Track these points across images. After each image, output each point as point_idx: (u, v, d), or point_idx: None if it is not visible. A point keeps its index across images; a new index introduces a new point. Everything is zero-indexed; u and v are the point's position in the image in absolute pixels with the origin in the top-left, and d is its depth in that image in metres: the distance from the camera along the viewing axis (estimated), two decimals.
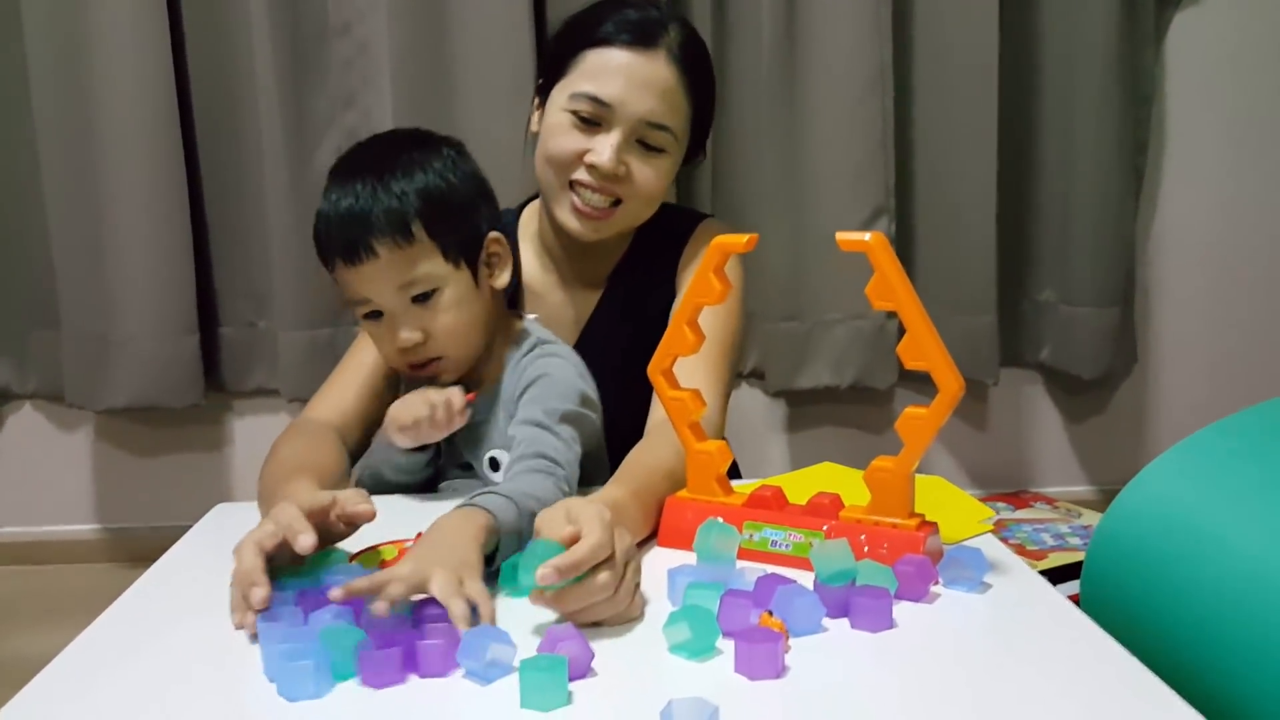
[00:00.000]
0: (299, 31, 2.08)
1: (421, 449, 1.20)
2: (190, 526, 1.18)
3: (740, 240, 1.02)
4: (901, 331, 0.95)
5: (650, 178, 1.33)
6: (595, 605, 0.85)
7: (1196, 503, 1.11)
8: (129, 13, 2.02)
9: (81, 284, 2.12)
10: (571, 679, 0.76)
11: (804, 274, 2.17)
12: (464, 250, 1.19)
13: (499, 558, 0.94)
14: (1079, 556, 1.90)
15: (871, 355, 2.18)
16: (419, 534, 1.03)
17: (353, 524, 0.98)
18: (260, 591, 0.87)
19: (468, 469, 1.26)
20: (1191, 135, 2.32)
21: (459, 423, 1.17)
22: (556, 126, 1.32)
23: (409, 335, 1.17)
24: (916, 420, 0.95)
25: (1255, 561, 1.02)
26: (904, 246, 2.21)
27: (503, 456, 1.22)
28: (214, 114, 2.14)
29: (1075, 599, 1.09)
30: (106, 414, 2.22)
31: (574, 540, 0.85)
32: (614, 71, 1.29)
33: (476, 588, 0.85)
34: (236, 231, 2.19)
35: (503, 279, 1.24)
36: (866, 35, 2.07)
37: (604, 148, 1.29)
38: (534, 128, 1.39)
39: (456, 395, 1.16)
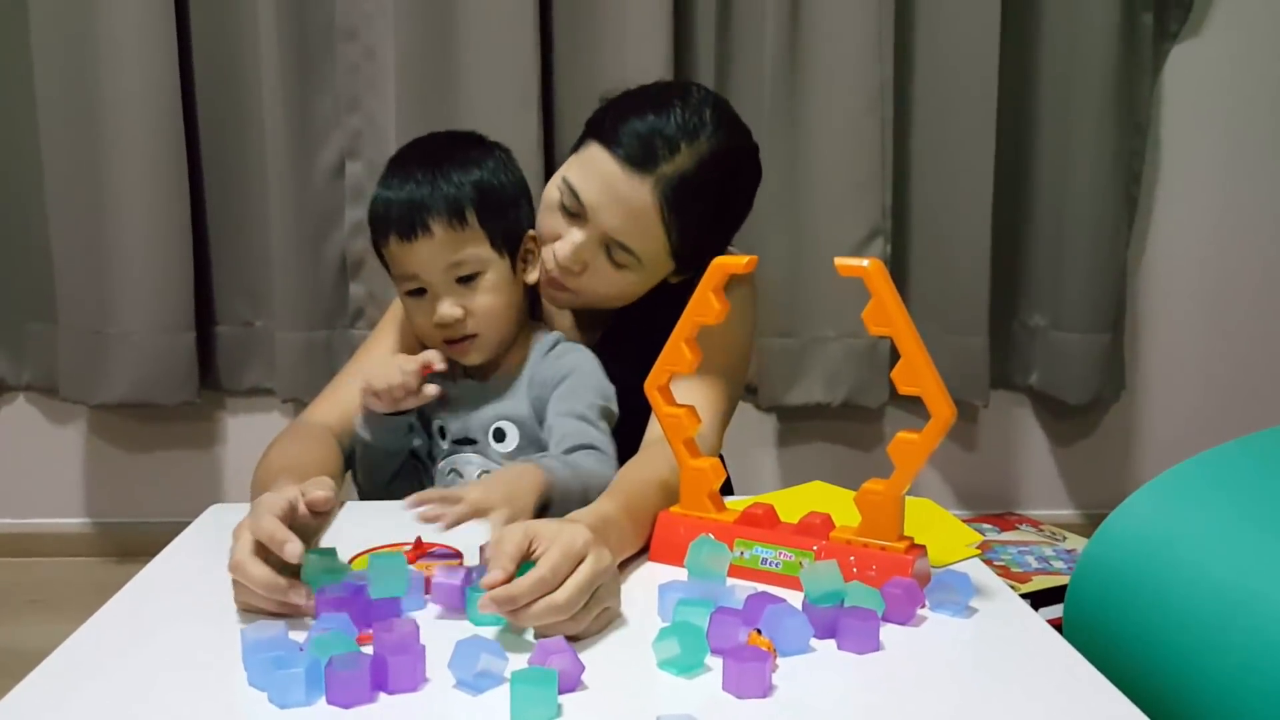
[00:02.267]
0: (305, 35, 2.09)
1: (399, 414, 1.25)
2: (180, 523, 1.18)
3: (740, 261, 1.04)
4: (895, 352, 0.96)
5: (604, 285, 1.31)
6: (554, 624, 0.85)
7: (1180, 533, 1.13)
8: (136, 11, 2.03)
9: (79, 278, 2.13)
10: (561, 692, 0.77)
11: (799, 291, 2.19)
12: (507, 241, 1.27)
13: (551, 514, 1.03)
14: (1063, 580, 1.91)
15: (864, 374, 2.20)
16: (418, 538, 1.05)
17: (319, 512, 1.00)
18: (294, 548, 0.90)
19: (471, 443, 1.30)
20: (1186, 165, 2.34)
21: (428, 391, 1.23)
22: (548, 201, 1.31)
23: (450, 311, 1.24)
24: (908, 445, 0.97)
25: (1235, 592, 1.03)
26: (898, 266, 2.23)
27: (510, 428, 1.29)
28: (218, 114, 2.15)
29: (1058, 623, 1.10)
30: (100, 408, 2.22)
31: (520, 562, 0.87)
32: (597, 177, 1.26)
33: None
34: (236, 231, 2.20)
35: (534, 275, 1.32)
36: (867, 55, 2.10)
37: (566, 243, 1.28)
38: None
39: (433, 356, 1.22)
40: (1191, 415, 2.41)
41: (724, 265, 1.05)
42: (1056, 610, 1.53)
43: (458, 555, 1.03)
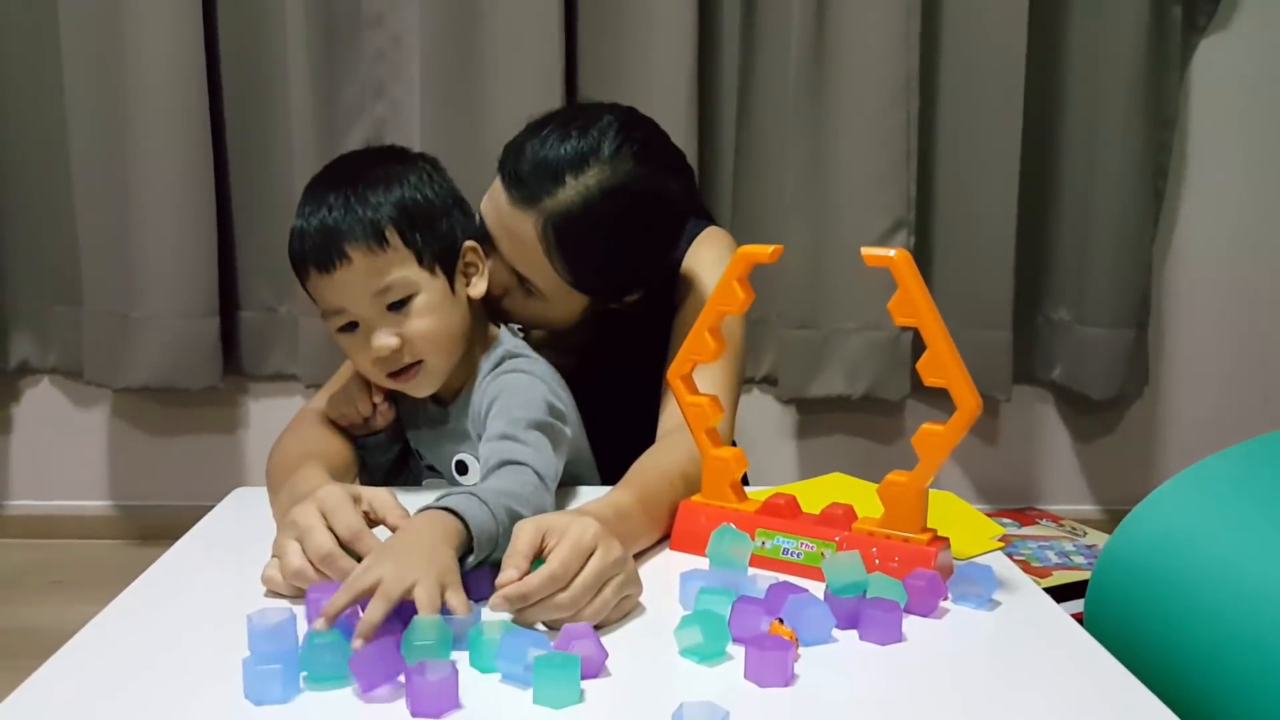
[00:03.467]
0: (332, 21, 2.10)
1: (372, 433, 1.25)
2: (203, 507, 1.19)
3: (765, 251, 1.03)
4: (917, 345, 0.96)
5: (525, 311, 1.28)
6: (563, 618, 0.85)
7: (1203, 529, 1.12)
8: None
9: (105, 262, 2.15)
10: (585, 677, 0.77)
11: (821, 282, 2.18)
12: (439, 258, 1.17)
13: (473, 558, 0.93)
14: (1083, 575, 1.90)
15: (885, 366, 2.19)
16: None
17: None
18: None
19: (438, 473, 1.28)
20: (1212, 160, 2.32)
21: (385, 413, 1.23)
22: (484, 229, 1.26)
23: (385, 341, 1.14)
24: (933, 436, 0.96)
25: (1259, 588, 1.02)
26: (922, 259, 2.22)
27: (470, 461, 1.23)
28: (244, 100, 2.16)
29: (1078, 618, 1.10)
30: (124, 392, 2.24)
31: (533, 559, 0.86)
32: (493, 205, 1.23)
33: (458, 599, 0.83)
34: (261, 217, 2.21)
35: (479, 288, 1.22)
36: (895, 47, 2.09)
37: (498, 269, 1.24)
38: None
39: (374, 389, 1.22)
40: (1215, 412, 2.40)
41: (749, 254, 1.04)
42: (1077, 605, 1.52)
43: None
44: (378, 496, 0.97)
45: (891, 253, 0.96)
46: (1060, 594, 1.86)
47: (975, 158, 2.19)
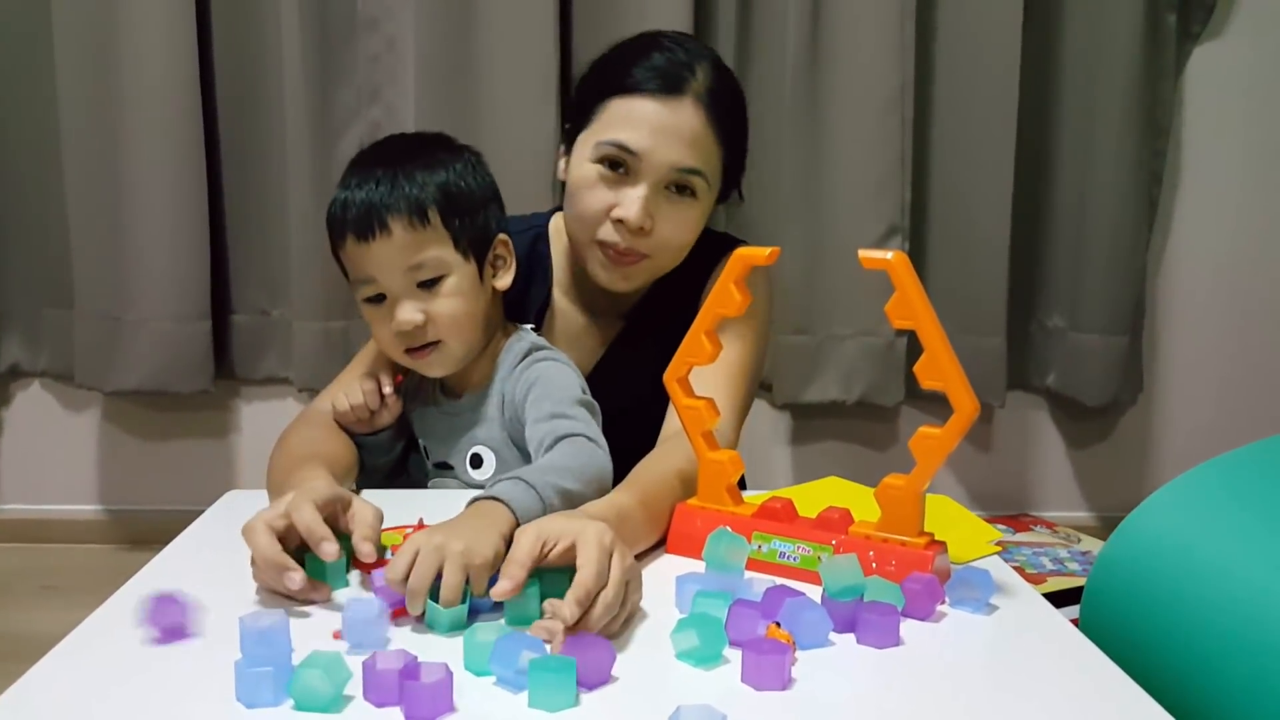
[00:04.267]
0: (327, 25, 2.09)
1: (376, 431, 1.25)
2: (194, 511, 1.18)
3: (762, 253, 1.03)
4: (911, 350, 0.96)
5: (678, 228, 1.30)
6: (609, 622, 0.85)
7: (1198, 536, 1.12)
8: (157, 1, 2.03)
9: (97, 265, 2.14)
10: (592, 685, 0.77)
11: (816, 288, 2.18)
12: (473, 245, 1.21)
13: None
14: (1077, 582, 1.90)
15: (880, 372, 2.19)
16: (419, 520, 1.04)
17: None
18: (296, 577, 0.89)
19: (449, 468, 1.28)
20: (1207, 167, 2.33)
21: (392, 408, 1.24)
22: (583, 180, 1.28)
23: (410, 316, 1.17)
24: (930, 440, 0.96)
25: (1254, 595, 1.02)
26: (916, 265, 2.18)
27: (486, 454, 1.24)
28: (238, 103, 2.16)
29: (1074, 624, 1.09)
30: (115, 395, 2.23)
31: (531, 568, 0.86)
32: (640, 121, 1.25)
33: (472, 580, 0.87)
34: (254, 220, 2.20)
35: (505, 280, 1.26)
36: (890, 53, 2.09)
37: (630, 201, 1.26)
38: (561, 175, 1.36)
39: (384, 378, 1.22)
40: (1209, 419, 2.40)
41: (746, 256, 1.04)
42: (1071, 612, 1.52)
43: None
44: (361, 512, 0.98)
45: (889, 255, 0.95)
46: (1055, 601, 1.86)
47: (970, 164, 2.19)
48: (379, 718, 0.74)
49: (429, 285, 1.18)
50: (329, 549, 0.91)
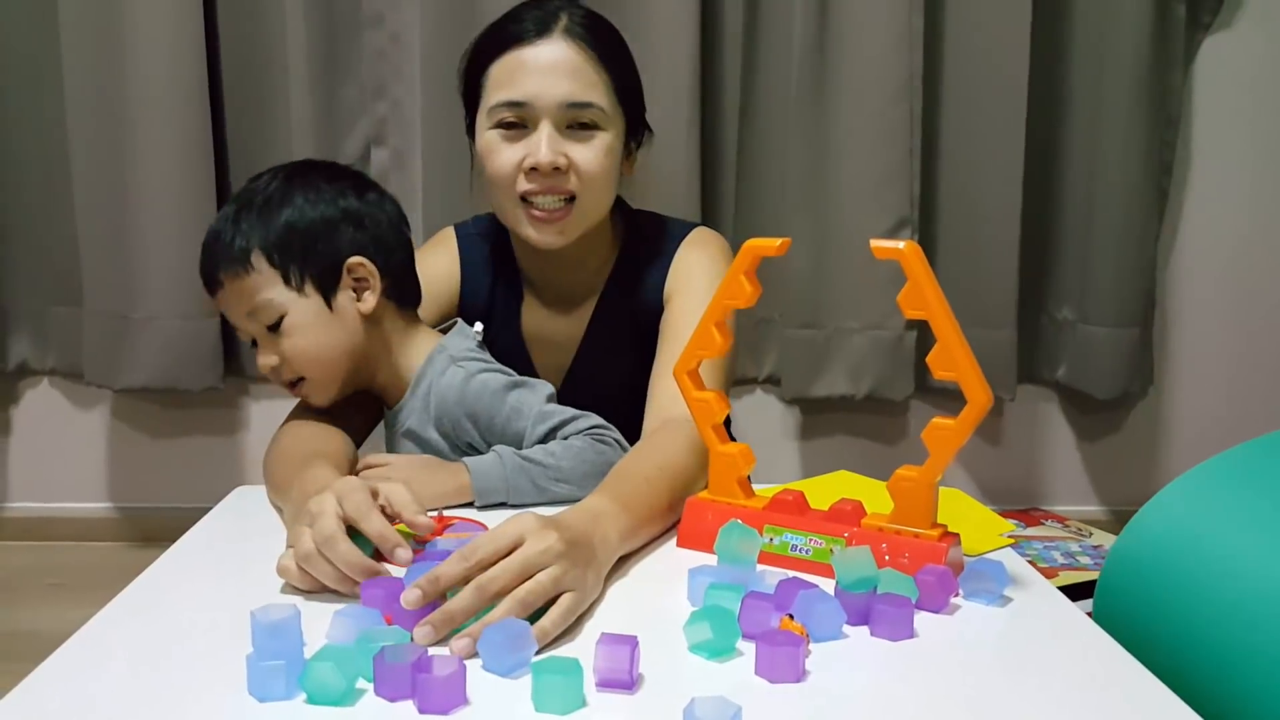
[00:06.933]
0: (332, 20, 2.09)
1: None
2: (202, 509, 1.18)
3: (773, 244, 1.03)
4: (921, 344, 0.95)
5: (592, 158, 1.32)
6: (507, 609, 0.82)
7: (1210, 528, 1.11)
8: None
9: (105, 263, 2.13)
10: (614, 688, 0.76)
11: (825, 281, 2.17)
12: (317, 277, 1.21)
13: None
14: (1089, 576, 1.89)
15: (889, 366, 2.18)
16: (440, 512, 1.04)
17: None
18: (404, 554, 0.92)
19: None
20: (1217, 158, 2.31)
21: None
22: (488, 148, 1.32)
23: (265, 360, 1.22)
24: (943, 431, 0.96)
25: (1267, 587, 1.02)
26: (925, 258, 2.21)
27: (411, 448, 1.28)
28: (244, 99, 2.15)
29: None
30: (124, 393, 2.22)
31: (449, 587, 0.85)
32: (518, 72, 1.30)
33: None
34: None
35: (369, 303, 1.24)
36: (897, 44, 2.07)
37: (537, 145, 1.29)
38: (477, 164, 1.39)
39: (403, 556, 0.95)
40: (1220, 411, 2.39)
41: (756, 248, 1.03)
42: (1084, 606, 1.51)
43: (482, 529, 1.02)
44: (395, 492, 0.98)
45: (901, 245, 0.95)
46: (1067, 595, 1.85)
47: (978, 156, 2.18)
48: (392, 711, 0.73)
49: (275, 327, 1.20)
50: (403, 555, 0.92)
